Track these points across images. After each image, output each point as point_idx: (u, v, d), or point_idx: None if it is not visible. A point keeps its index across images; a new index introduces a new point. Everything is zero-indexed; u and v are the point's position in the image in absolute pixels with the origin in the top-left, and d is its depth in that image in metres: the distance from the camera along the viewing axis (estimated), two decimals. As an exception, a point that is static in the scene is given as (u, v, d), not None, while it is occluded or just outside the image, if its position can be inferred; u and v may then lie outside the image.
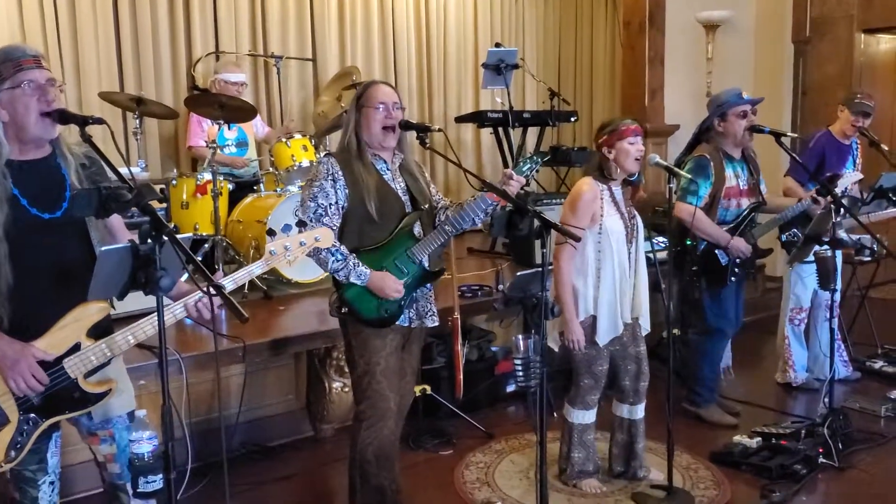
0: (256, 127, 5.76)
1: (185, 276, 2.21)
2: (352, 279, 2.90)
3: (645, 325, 3.57)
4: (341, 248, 2.90)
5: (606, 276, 3.38)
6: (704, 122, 4.18)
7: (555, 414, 4.34)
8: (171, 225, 4.77)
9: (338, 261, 2.89)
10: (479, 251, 6.40)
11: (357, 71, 5.98)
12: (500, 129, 6.46)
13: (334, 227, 2.90)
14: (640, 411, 3.62)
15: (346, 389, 4.07)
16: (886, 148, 4.64)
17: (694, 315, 4.38)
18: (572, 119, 6.75)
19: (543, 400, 2.69)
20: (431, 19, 7.35)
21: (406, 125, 3.05)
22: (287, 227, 4.69)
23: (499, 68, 6.02)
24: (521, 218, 2.71)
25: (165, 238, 1.96)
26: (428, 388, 4.21)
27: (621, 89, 7.35)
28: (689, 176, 3.68)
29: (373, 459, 3.08)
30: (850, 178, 4.06)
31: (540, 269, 2.64)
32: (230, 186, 5.20)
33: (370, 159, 2.99)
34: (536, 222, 2.63)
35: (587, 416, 3.58)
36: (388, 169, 3.03)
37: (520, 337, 2.68)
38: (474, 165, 7.64)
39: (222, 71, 5.55)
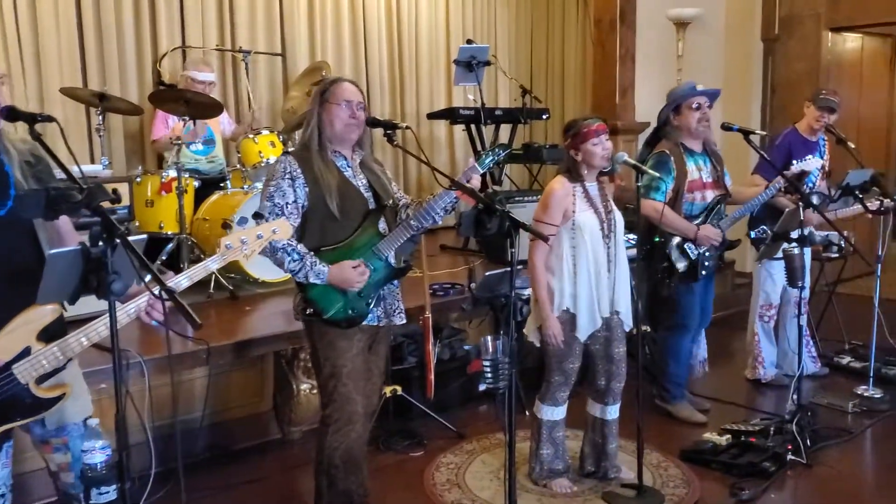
0: (223, 124, 5.67)
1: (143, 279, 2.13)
2: (311, 279, 2.84)
3: (627, 321, 3.53)
4: (298, 246, 2.85)
5: (582, 272, 3.36)
6: (659, 116, 4.18)
7: (526, 413, 4.32)
8: (135, 223, 4.78)
9: (294, 260, 2.83)
10: (453, 248, 6.36)
11: (327, 66, 5.90)
12: (473, 126, 6.42)
13: (293, 227, 2.85)
14: (614, 412, 3.61)
15: (314, 391, 4.01)
16: (853, 146, 4.66)
17: (664, 312, 4.37)
18: (544, 117, 6.74)
19: (513, 401, 2.66)
20: (403, 15, 7.27)
21: (374, 122, 3.01)
22: (243, 221, 4.62)
23: (470, 65, 5.98)
24: (490, 217, 2.66)
25: (117, 241, 1.88)
26: (399, 388, 4.16)
27: (592, 87, 7.33)
28: (657, 174, 3.67)
29: (340, 464, 3.03)
30: (811, 164, 4.06)
31: (509, 268, 2.61)
32: (196, 184, 5.11)
33: (331, 156, 2.95)
34: (505, 221, 2.60)
35: (556, 413, 3.56)
36: (348, 166, 2.99)
37: (488, 338, 2.66)
38: (447, 162, 7.59)
39: (191, 69, 5.45)
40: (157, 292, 1.95)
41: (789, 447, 3.76)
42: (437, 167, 7.41)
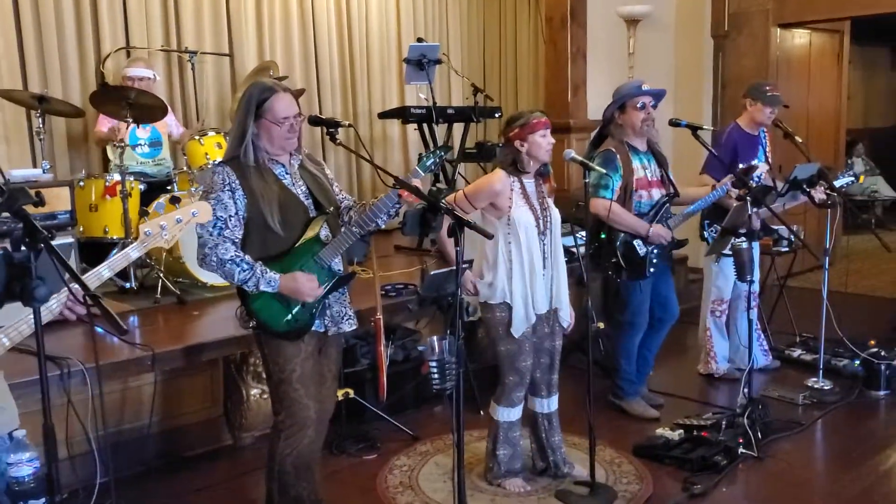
0: (171, 126, 5.56)
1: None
2: (262, 287, 2.77)
3: (565, 317, 3.54)
4: (246, 257, 2.78)
5: (516, 268, 3.37)
6: (605, 113, 4.19)
7: (481, 412, 4.30)
8: (79, 228, 4.66)
9: (244, 270, 2.76)
10: (407, 249, 6.32)
11: (275, 66, 5.81)
12: (425, 125, 6.37)
13: (236, 240, 2.79)
14: (552, 404, 3.61)
15: (265, 396, 3.94)
16: (800, 140, 4.70)
17: (615, 309, 4.38)
18: (496, 115, 6.70)
19: (461, 402, 2.63)
20: (353, 13, 7.21)
21: (316, 121, 2.96)
22: (161, 206, 4.55)
23: (421, 63, 5.93)
24: (434, 216, 2.62)
25: (41, 245, 1.81)
26: (351, 391, 4.10)
27: (545, 85, 7.34)
28: (604, 171, 3.67)
29: (291, 470, 2.99)
30: (759, 169, 4.12)
31: (455, 268, 2.58)
32: (142, 187, 5.00)
33: (268, 165, 2.87)
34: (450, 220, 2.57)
35: (512, 414, 3.54)
36: (287, 173, 2.91)
37: (434, 338, 2.62)
38: (401, 161, 7.55)
39: (128, 66, 5.35)
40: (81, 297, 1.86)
41: (740, 440, 3.78)
42: (390, 167, 7.38)
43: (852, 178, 4.62)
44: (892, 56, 12.81)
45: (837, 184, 4.48)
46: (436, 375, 2.64)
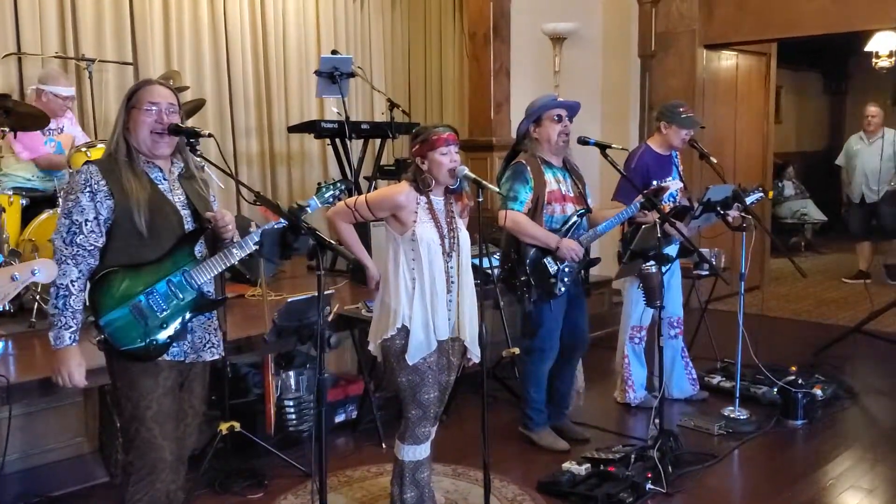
0: (77, 137, 5.19)
1: None
2: (50, 333, 2.54)
3: (475, 352, 3.25)
4: (76, 294, 2.52)
5: (418, 288, 3.10)
6: (519, 127, 4.01)
7: (383, 445, 4.05)
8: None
9: (55, 306, 2.51)
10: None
11: (178, 75, 5.51)
12: (338, 141, 6.11)
13: (90, 247, 2.52)
14: (427, 448, 3.34)
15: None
16: (715, 160, 4.57)
17: (525, 334, 4.16)
18: (413, 131, 6.50)
19: (323, 451, 2.37)
20: (269, 23, 6.94)
21: (175, 130, 2.68)
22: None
23: (333, 76, 5.68)
24: (296, 236, 2.38)
25: None
26: (237, 424, 3.78)
27: (469, 101, 7.15)
28: (497, 189, 3.48)
29: (147, 517, 2.68)
30: (672, 186, 3.97)
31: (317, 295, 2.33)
32: (24, 202, 4.66)
33: (142, 167, 2.61)
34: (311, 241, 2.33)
35: (419, 452, 3.25)
36: (164, 178, 2.65)
37: (290, 374, 2.35)
38: (320, 177, 7.27)
39: (50, 83, 4.96)
40: None
41: (649, 475, 3.57)
42: (308, 183, 7.05)
43: (761, 195, 4.50)
44: (823, 81, 13.03)
45: (748, 201, 4.35)
46: (292, 415, 2.37)
